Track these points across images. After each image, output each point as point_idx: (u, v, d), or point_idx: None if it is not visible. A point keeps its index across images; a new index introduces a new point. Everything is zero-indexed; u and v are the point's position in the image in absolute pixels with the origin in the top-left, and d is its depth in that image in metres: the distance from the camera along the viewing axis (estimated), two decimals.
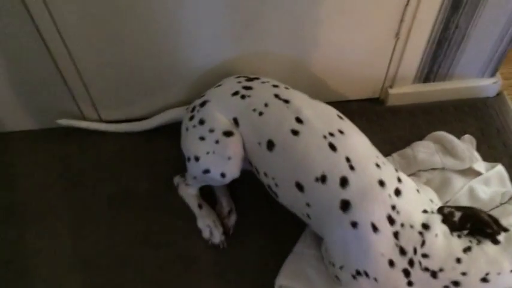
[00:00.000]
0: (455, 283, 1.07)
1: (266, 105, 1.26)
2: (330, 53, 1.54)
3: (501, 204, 1.42)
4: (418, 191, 1.19)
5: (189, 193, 1.47)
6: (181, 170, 1.52)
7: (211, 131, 1.29)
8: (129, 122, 1.65)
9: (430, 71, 1.64)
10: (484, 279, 1.06)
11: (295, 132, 1.20)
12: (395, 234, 1.09)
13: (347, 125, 1.24)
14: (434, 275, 1.08)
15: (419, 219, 1.11)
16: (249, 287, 1.36)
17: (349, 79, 1.64)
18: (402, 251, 1.08)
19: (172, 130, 1.60)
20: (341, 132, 1.20)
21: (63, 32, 1.35)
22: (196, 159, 1.31)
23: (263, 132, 1.24)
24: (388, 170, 1.18)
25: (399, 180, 1.16)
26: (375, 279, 1.11)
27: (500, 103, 1.73)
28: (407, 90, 1.69)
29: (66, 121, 1.62)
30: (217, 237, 1.42)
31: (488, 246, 1.08)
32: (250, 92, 1.31)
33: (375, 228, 1.09)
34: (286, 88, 1.33)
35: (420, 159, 1.51)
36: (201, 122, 1.32)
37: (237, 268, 1.39)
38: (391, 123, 1.68)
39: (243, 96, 1.30)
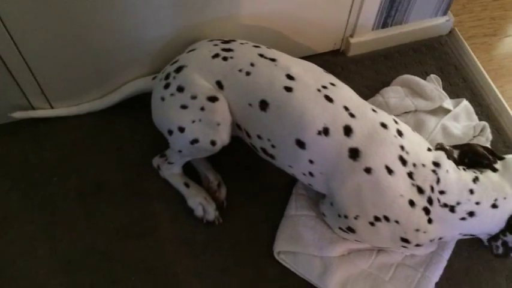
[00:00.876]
0: (471, 213, 1.11)
1: (252, 64, 1.20)
2: (291, 7, 1.48)
3: (474, 137, 1.48)
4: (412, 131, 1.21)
5: (173, 173, 1.38)
6: (151, 151, 1.43)
7: (194, 97, 1.20)
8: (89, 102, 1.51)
9: (388, 16, 1.64)
10: (494, 205, 1.11)
11: (288, 89, 1.15)
12: (410, 175, 1.11)
13: (334, 78, 1.22)
14: (452, 209, 1.11)
15: (428, 157, 1.14)
16: (248, 258, 1.32)
17: (311, 33, 1.60)
18: (420, 190, 1.11)
19: (134, 106, 1.50)
20: (332, 84, 1.19)
21: (2, 12, 1.18)
22: (181, 130, 1.22)
23: (254, 93, 1.18)
24: (384, 114, 1.19)
25: (396, 122, 1.18)
26: (396, 222, 1.12)
27: (454, 40, 1.78)
28: (367, 38, 1.68)
29: (21, 113, 1.44)
30: (211, 213, 1.35)
31: (489, 174, 1.14)
32: (231, 53, 1.23)
33: (389, 171, 1.10)
34: (268, 48, 1.26)
35: (392, 104, 1.53)
36: (180, 89, 1.22)
37: (232, 241, 1.35)
38: (356, 73, 1.68)
39: (225, 58, 1.22)
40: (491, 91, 1.65)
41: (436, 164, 1.13)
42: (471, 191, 1.11)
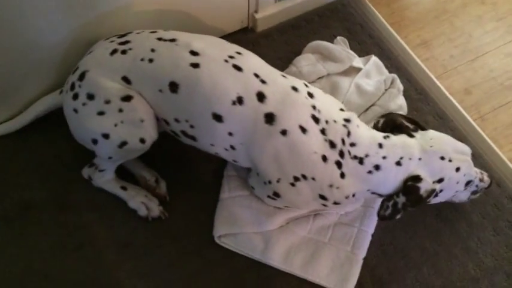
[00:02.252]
0: (377, 167, 1.16)
1: (153, 50, 1.18)
2: None
3: (386, 90, 1.54)
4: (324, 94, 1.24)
5: (106, 179, 1.35)
6: (74, 163, 1.40)
7: (108, 102, 1.17)
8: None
9: None
10: (398, 163, 1.16)
11: (195, 65, 1.15)
12: (323, 131, 1.15)
13: (239, 48, 1.23)
14: (361, 161, 1.16)
15: (339, 115, 1.19)
16: (191, 248, 1.33)
17: (216, 13, 1.59)
18: (332, 144, 1.15)
19: (47, 122, 1.45)
20: (239, 53, 1.20)
21: None
22: (106, 136, 1.19)
23: (161, 77, 1.16)
24: (294, 79, 1.23)
25: (306, 85, 1.22)
26: (313, 178, 1.17)
27: None
28: (272, 11, 1.70)
29: None
30: (155, 209, 1.35)
31: (403, 137, 1.19)
32: (129, 45, 1.21)
33: (303, 130, 1.14)
34: (166, 31, 1.25)
35: (305, 72, 1.56)
36: (90, 96, 1.18)
37: (173, 235, 1.35)
38: (267, 47, 1.69)
39: (123, 52, 1.19)
40: (397, 43, 1.72)
41: (347, 120, 1.18)
42: (380, 145, 1.16)
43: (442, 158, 1.16)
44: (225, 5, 1.59)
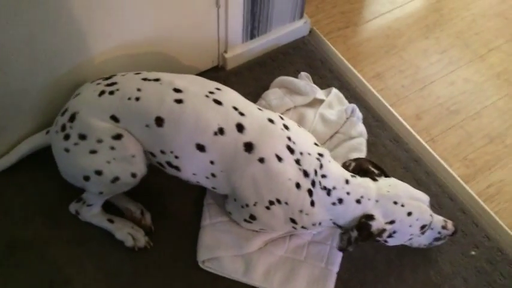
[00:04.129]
0: (340, 200, 1.28)
1: (139, 90, 1.29)
2: (163, 34, 1.60)
3: (347, 118, 1.70)
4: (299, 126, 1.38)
5: (94, 213, 1.43)
6: (60, 200, 1.47)
7: (100, 141, 1.27)
8: None
9: (253, 28, 1.81)
10: (358, 201, 1.28)
11: (178, 101, 1.27)
12: (297, 161, 1.28)
13: (218, 84, 1.36)
14: (329, 192, 1.28)
15: (313, 149, 1.32)
16: (176, 274, 1.41)
17: (190, 54, 1.73)
18: (305, 174, 1.28)
19: (32, 162, 1.52)
20: (218, 89, 1.33)
21: None
22: (99, 173, 1.28)
23: (147, 114, 1.27)
24: (269, 112, 1.36)
25: (281, 118, 1.36)
26: (286, 203, 1.29)
27: (315, 38, 2.00)
28: (240, 51, 1.84)
29: None
30: (141, 239, 1.43)
31: (367, 180, 1.33)
32: (116, 86, 1.31)
33: (279, 158, 1.26)
34: (148, 72, 1.37)
35: (274, 105, 1.70)
36: (82, 136, 1.28)
37: (159, 263, 1.43)
38: (237, 84, 1.82)
39: (111, 92, 1.30)
40: (353, 76, 1.89)
41: (321, 155, 1.32)
42: (346, 181, 1.29)
43: (395, 203, 1.28)
44: (197, 46, 1.73)
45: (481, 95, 1.90)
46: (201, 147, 1.27)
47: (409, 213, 1.29)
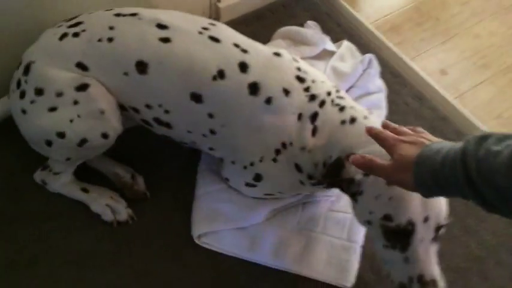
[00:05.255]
0: (353, 120, 1.00)
1: (111, 28, 1.03)
2: None
3: (364, 71, 1.46)
4: None
5: (63, 182, 1.17)
6: (24, 169, 1.22)
7: (60, 94, 1.01)
8: None
9: None
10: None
11: (165, 40, 1.02)
12: (307, 89, 1.04)
13: (210, 20, 1.11)
14: (342, 109, 1.02)
15: (328, 81, 1.08)
16: (167, 253, 1.16)
17: (175, 2, 1.47)
18: (312, 98, 1.03)
19: None
20: (212, 24, 1.08)
21: None
22: (61, 135, 1.02)
23: (125, 58, 1.02)
24: (276, 48, 1.12)
25: (289, 53, 1.11)
26: (291, 143, 1.04)
27: None
28: (235, 0, 1.60)
29: None
30: (123, 212, 1.18)
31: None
32: (81, 26, 1.05)
33: (286, 92, 1.03)
34: (121, 8, 1.10)
35: None
36: (39, 91, 1.02)
37: (146, 241, 1.17)
38: None
39: (75, 34, 1.04)
40: (366, 29, 1.66)
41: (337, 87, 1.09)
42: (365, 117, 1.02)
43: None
44: None
45: (510, 48, 1.68)
46: (197, 97, 1.02)
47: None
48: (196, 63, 1.02)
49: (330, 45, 1.51)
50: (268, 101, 1.02)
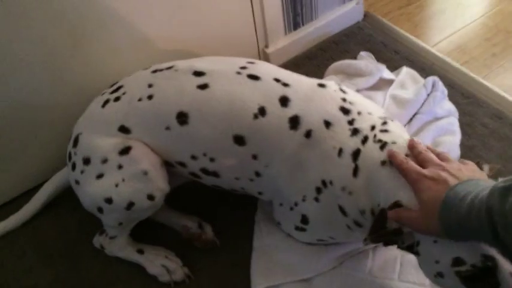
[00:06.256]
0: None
1: (150, 86, 1.02)
2: (192, 34, 1.36)
3: (428, 95, 1.32)
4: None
5: (119, 246, 1.14)
6: (81, 236, 1.21)
7: (104, 161, 1.00)
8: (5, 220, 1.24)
9: (296, 15, 1.54)
10: None
11: (203, 86, 0.98)
12: (351, 122, 0.94)
13: (248, 59, 1.06)
14: (383, 146, 0.89)
15: (379, 112, 0.98)
16: None
17: (223, 54, 1.46)
18: (355, 132, 0.93)
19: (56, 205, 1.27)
20: (250, 62, 1.03)
21: None
22: (109, 201, 1.00)
23: (165, 112, 0.99)
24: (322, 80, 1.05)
25: (338, 85, 1.03)
26: (330, 182, 0.93)
27: (372, 21, 1.69)
28: (283, 44, 1.56)
29: None
30: (179, 271, 1.11)
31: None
32: (122, 90, 1.05)
33: (327, 124, 0.94)
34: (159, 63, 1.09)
35: None
36: (86, 161, 1.02)
37: None
38: None
39: (117, 99, 1.04)
40: (427, 52, 1.54)
41: (387, 118, 0.96)
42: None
43: None
44: (232, 43, 1.47)
45: None
46: (239, 140, 0.96)
47: None
48: (236, 103, 0.97)
49: (387, 74, 1.40)
50: (308, 134, 0.94)
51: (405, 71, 1.43)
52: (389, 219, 0.80)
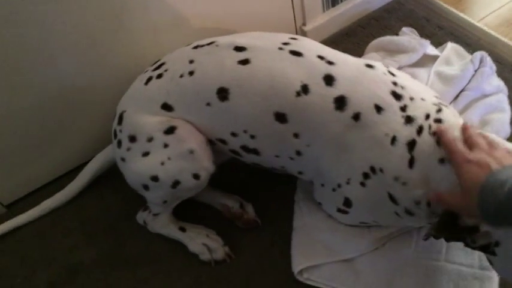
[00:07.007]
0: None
1: (191, 61, 1.01)
2: (228, 10, 1.34)
3: (475, 71, 1.26)
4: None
5: (162, 223, 1.15)
6: (123, 214, 1.22)
7: (150, 139, 1.00)
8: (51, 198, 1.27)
9: None
10: None
11: (244, 62, 0.96)
12: (403, 108, 0.90)
13: (291, 35, 1.03)
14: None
15: (432, 97, 0.94)
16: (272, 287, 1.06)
17: (263, 31, 1.44)
18: (408, 120, 0.90)
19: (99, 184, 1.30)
20: (293, 38, 1.00)
21: None
22: (155, 179, 1.01)
23: (206, 88, 0.98)
24: (369, 60, 1.01)
25: (386, 67, 0.99)
26: (381, 170, 0.91)
27: None
28: (321, 21, 1.53)
29: None
30: (220, 250, 1.12)
31: None
32: (164, 67, 1.05)
33: (378, 109, 0.90)
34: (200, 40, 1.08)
35: None
36: (132, 139, 1.02)
37: (244, 276, 1.09)
38: None
39: (159, 76, 1.04)
40: (473, 27, 1.47)
41: (442, 104, 0.93)
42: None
43: None
44: (270, 21, 1.44)
45: None
46: (281, 117, 0.94)
47: None
48: (278, 80, 0.95)
49: (431, 50, 1.35)
50: (356, 117, 0.91)
51: (450, 46, 1.37)
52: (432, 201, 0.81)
